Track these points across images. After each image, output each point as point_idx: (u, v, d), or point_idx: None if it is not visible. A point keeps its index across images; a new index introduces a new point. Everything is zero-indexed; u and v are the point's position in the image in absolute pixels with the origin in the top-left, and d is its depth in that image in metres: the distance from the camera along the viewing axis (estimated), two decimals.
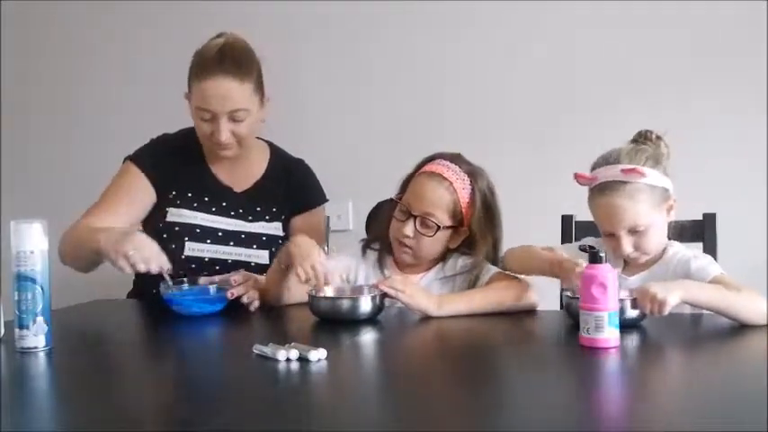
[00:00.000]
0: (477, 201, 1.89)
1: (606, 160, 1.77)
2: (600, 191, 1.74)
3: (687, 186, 1.81)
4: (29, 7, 3.20)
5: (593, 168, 1.79)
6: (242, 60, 1.99)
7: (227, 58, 1.96)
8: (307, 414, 1.16)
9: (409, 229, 1.87)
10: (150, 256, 1.79)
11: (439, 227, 1.87)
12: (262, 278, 1.95)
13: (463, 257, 1.93)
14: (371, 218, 2.24)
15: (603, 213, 1.75)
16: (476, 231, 1.90)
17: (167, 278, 1.82)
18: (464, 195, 1.88)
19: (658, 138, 1.80)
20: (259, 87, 2.02)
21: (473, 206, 1.89)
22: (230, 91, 1.95)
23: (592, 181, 1.76)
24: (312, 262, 1.74)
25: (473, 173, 1.91)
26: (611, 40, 2.74)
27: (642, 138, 1.80)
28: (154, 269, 1.79)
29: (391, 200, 1.97)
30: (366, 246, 2.01)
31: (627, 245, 1.73)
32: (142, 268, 1.78)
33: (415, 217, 1.87)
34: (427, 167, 1.91)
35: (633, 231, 1.73)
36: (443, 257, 1.95)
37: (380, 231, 1.99)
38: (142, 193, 2.08)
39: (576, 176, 1.78)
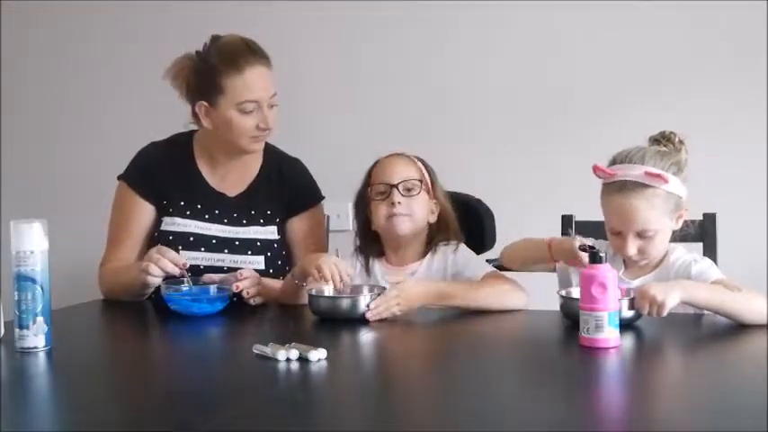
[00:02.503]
0: (432, 174, 2.03)
1: (629, 159, 1.72)
2: (618, 189, 1.71)
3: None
4: (29, 7, 3.20)
5: (613, 164, 1.74)
6: (263, 50, 2.03)
7: (254, 46, 2.01)
8: (307, 414, 1.16)
9: (397, 196, 1.95)
10: (165, 255, 1.87)
11: (420, 182, 1.97)
12: (267, 280, 1.96)
13: (447, 245, 1.99)
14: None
15: (617, 211, 1.72)
16: (442, 202, 2.02)
17: (186, 274, 1.86)
18: (422, 167, 2.02)
19: (681, 142, 1.76)
20: None
21: (431, 177, 2.03)
22: (268, 77, 2.01)
23: (611, 176, 1.72)
24: (333, 261, 1.78)
25: (417, 157, 2.04)
26: (610, 40, 2.73)
27: (665, 140, 1.76)
28: (170, 267, 1.86)
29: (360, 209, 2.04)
30: (358, 251, 2.05)
31: (632, 246, 1.72)
32: (168, 267, 1.86)
33: (396, 187, 1.95)
34: (380, 158, 2.03)
35: (641, 235, 1.72)
36: (429, 245, 1.99)
37: (364, 236, 2.04)
38: (142, 215, 2.09)
39: (595, 169, 1.73)
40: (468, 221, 2.11)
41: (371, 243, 2.02)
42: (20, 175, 3.22)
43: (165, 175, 2.10)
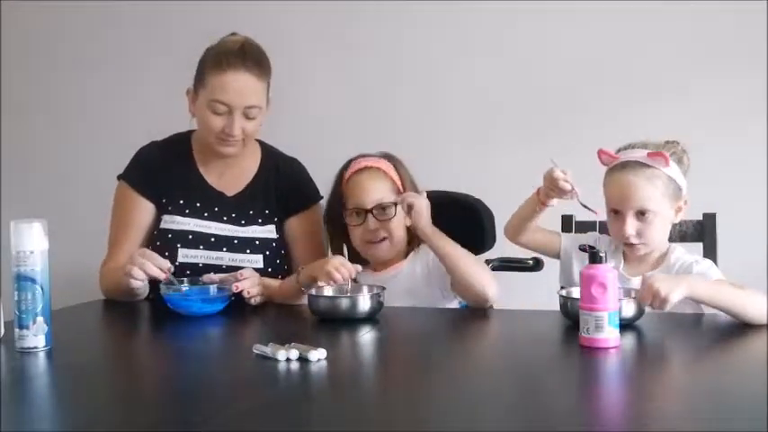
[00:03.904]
0: (403, 172, 2.03)
1: (632, 146, 1.79)
2: (620, 168, 1.76)
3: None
4: (29, 7, 3.20)
5: (616, 152, 1.80)
6: (262, 59, 2.02)
7: (249, 54, 1.99)
8: (307, 414, 1.16)
9: (372, 222, 1.96)
10: (150, 259, 1.85)
11: (395, 204, 1.96)
12: (265, 280, 1.96)
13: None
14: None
15: (617, 189, 1.76)
16: None
17: (172, 278, 1.85)
18: (392, 173, 2.01)
19: (684, 150, 1.81)
20: (268, 90, 2.04)
21: (402, 177, 2.02)
22: (249, 86, 1.98)
23: (614, 160, 1.77)
24: (334, 265, 1.79)
25: (386, 155, 2.05)
26: (611, 39, 2.73)
27: (669, 145, 1.81)
28: (155, 271, 1.84)
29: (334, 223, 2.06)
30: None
31: (630, 226, 1.74)
32: (153, 271, 1.84)
33: (370, 211, 1.95)
34: (351, 170, 2.02)
35: (640, 215, 1.74)
36: (410, 244, 2.01)
37: (347, 251, 2.06)
38: (143, 214, 2.09)
39: (600, 153, 1.78)
40: (468, 221, 2.11)
41: (355, 256, 2.03)
42: (20, 175, 3.22)
43: (164, 173, 2.11)
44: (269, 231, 2.10)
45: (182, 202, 2.08)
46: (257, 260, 2.04)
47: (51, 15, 3.18)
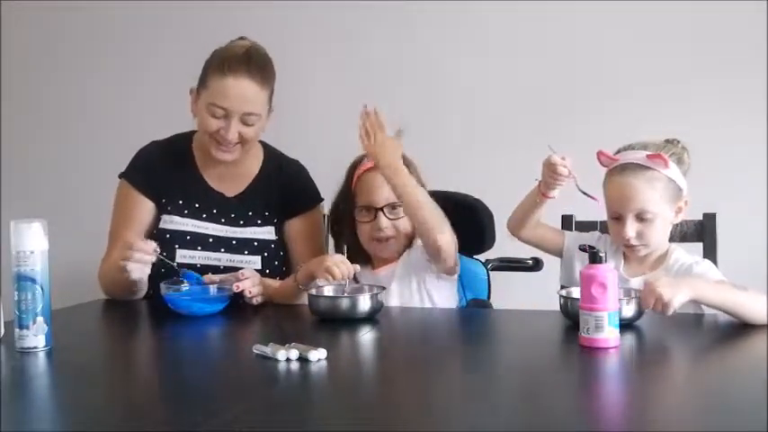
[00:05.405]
0: (412, 171, 2.00)
1: (631, 147, 1.79)
2: (620, 171, 1.76)
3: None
4: (29, 7, 3.20)
5: (616, 153, 1.80)
6: (266, 67, 2.02)
7: (254, 61, 1.99)
8: (307, 414, 1.16)
9: (383, 220, 1.97)
10: (138, 247, 1.85)
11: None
12: (267, 281, 1.96)
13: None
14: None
15: (617, 192, 1.76)
16: None
17: (161, 256, 1.86)
18: None
19: (684, 148, 1.82)
20: (271, 97, 2.04)
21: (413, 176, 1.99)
22: (250, 93, 1.97)
23: (614, 162, 1.77)
24: (334, 261, 1.80)
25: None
26: (611, 39, 2.74)
27: (669, 144, 1.81)
28: (147, 258, 1.85)
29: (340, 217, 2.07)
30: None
31: (631, 228, 1.74)
32: (144, 258, 1.85)
33: (381, 209, 1.97)
34: (362, 167, 2.03)
35: (640, 218, 1.74)
36: (409, 244, 2.03)
37: (351, 248, 2.07)
38: (143, 212, 2.09)
39: (599, 154, 1.78)
40: (468, 221, 2.11)
41: (359, 253, 2.04)
42: (20, 175, 3.22)
43: (164, 173, 2.11)
44: (268, 233, 2.10)
45: (181, 202, 2.09)
46: (255, 261, 2.04)
47: (51, 15, 3.19)
